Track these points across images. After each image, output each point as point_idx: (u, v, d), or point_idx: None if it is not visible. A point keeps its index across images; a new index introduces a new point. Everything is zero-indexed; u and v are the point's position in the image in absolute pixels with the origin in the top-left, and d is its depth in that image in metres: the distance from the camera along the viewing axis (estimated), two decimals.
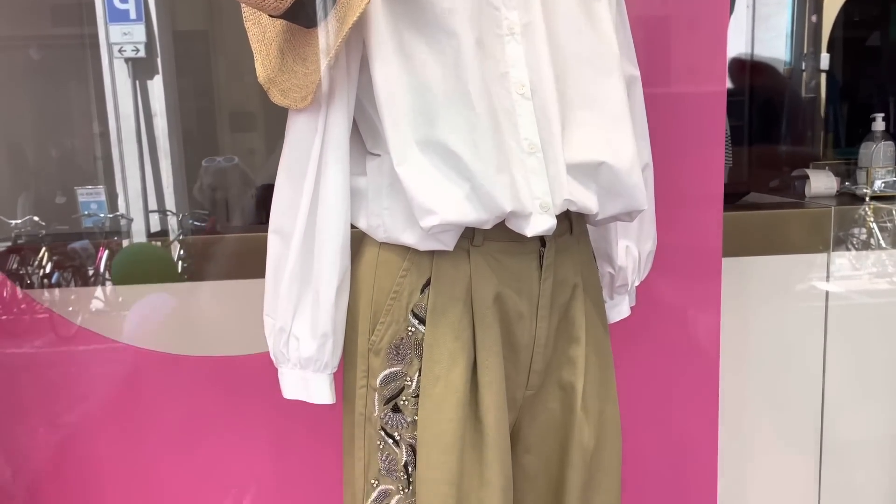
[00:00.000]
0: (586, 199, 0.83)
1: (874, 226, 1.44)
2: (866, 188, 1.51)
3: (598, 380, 0.91)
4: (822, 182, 1.53)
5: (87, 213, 1.54)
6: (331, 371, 0.87)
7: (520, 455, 0.91)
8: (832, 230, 1.40)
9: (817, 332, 1.42)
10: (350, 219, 0.85)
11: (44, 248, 1.32)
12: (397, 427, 0.85)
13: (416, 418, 0.83)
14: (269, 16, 0.80)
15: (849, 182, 1.59)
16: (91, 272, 1.31)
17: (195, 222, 1.67)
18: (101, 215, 1.55)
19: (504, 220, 0.81)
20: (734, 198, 1.53)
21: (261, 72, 0.83)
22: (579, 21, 0.83)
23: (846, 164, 1.65)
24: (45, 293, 1.28)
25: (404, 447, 0.84)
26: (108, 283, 1.30)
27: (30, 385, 1.26)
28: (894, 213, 1.44)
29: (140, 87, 1.83)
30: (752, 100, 2.06)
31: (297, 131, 0.83)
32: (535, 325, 0.86)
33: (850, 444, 1.46)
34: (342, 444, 0.91)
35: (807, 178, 1.54)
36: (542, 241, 0.85)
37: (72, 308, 1.27)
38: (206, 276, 1.30)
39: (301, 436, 1.25)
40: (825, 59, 2.11)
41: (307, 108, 0.81)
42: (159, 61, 1.83)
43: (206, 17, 1.99)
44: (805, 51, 2.13)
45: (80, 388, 1.26)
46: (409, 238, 0.82)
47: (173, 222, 1.76)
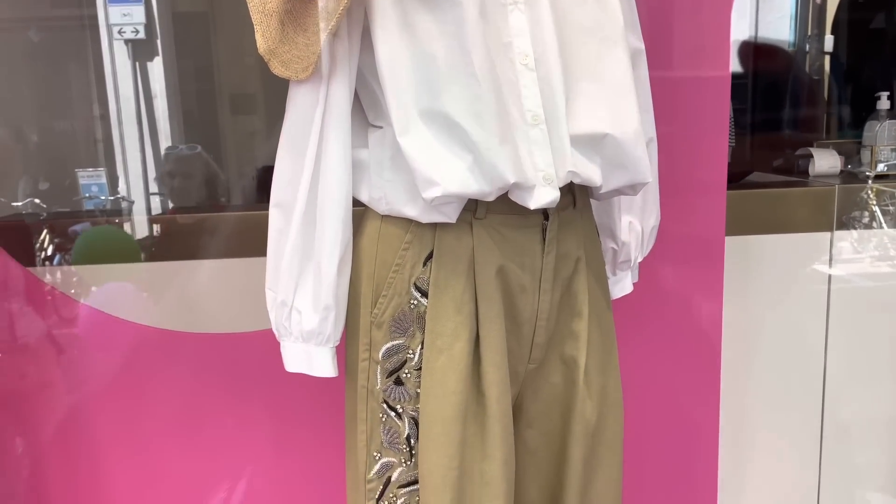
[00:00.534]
0: (590, 172, 0.82)
1: (876, 209, 1.43)
2: (869, 171, 1.50)
3: (600, 354, 0.91)
4: (826, 161, 1.52)
5: (87, 195, 1.54)
6: (333, 344, 0.87)
7: (522, 429, 0.91)
8: (836, 209, 1.39)
9: (819, 313, 1.42)
10: (352, 192, 0.85)
11: (45, 230, 1.31)
12: (400, 400, 0.85)
13: (419, 391, 0.83)
14: None
15: (851, 165, 1.58)
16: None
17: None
18: (103, 197, 1.55)
19: (507, 193, 0.80)
20: (738, 177, 1.52)
21: (261, 43, 0.82)
22: None
23: (851, 144, 1.64)
24: (47, 273, 1.28)
25: (407, 420, 0.84)
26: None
27: (32, 361, 1.26)
28: None
29: (140, 69, 1.83)
30: (759, 80, 2.04)
31: (298, 103, 0.83)
32: (537, 299, 0.86)
33: (851, 425, 1.46)
34: (344, 417, 0.91)
35: (811, 157, 1.53)
36: (545, 214, 0.85)
37: (73, 288, 1.27)
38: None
39: (302, 412, 1.26)
40: (829, 41, 2.09)
41: (308, 80, 0.80)
42: (159, 43, 1.82)
43: None
44: (809, 32, 2.11)
45: (81, 364, 1.27)
46: (411, 210, 0.82)
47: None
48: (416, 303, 0.83)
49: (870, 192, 1.43)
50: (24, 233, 1.30)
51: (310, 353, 0.87)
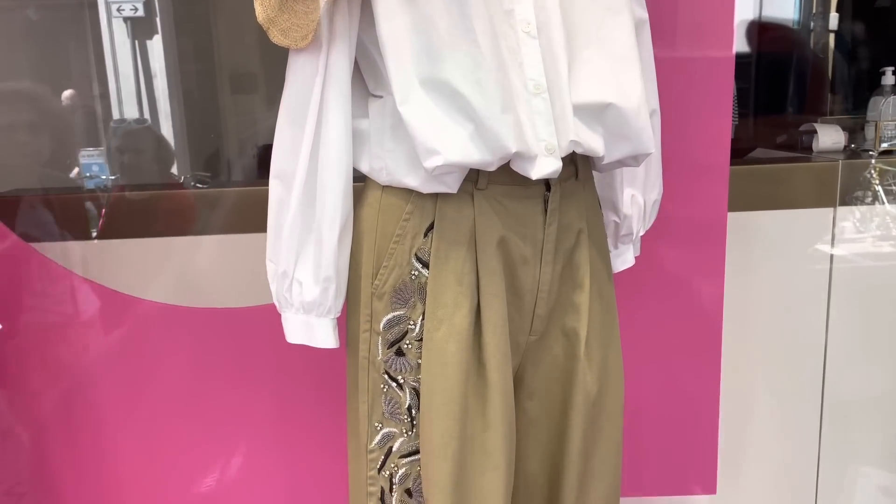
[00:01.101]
0: (593, 142, 0.82)
1: (879, 188, 1.42)
2: (873, 149, 1.49)
3: (601, 326, 0.91)
4: (829, 136, 1.51)
5: (88, 174, 1.54)
6: (334, 315, 0.87)
7: (523, 400, 0.91)
8: (839, 184, 1.38)
9: (821, 291, 1.41)
10: (352, 162, 0.84)
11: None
12: (401, 370, 0.85)
13: (420, 362, 0.83)
14: None
15: (855, 144, 1.57)
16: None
17: (197, 184, 1.66)
18: (103, 177, 1.54)
19: (509, 163, 0.80)
20: (741, 153, 1.51)
21: (260, 12, 0.81)
22: None
23: (854, 119, 1.63)
24: (47, 245, 1.28)
25: (408, 390, 0.84)
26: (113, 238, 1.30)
27: (33, 335, 1.27)
28: None
29: (139, 47, 1.81)
30: (764, 59, 2.03)
31: (298, 73, 0.82)
32: (538, 270, 0.86)
33: (851, 403, 1.46)
34: (346, 388, 0.91)
35: (814, 132, 1.52)
36: (547, 185, 0.84)
37: (74, 260, 1.28)
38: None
39: (304, 385, 1.26)
40: (834, 19, 2.08)
41: (308, 49, 0.79)
42: (158, 21, 1.81)
43: None
44: (814, 10, 2.09)
45: (83, 339, 1.27)
46: (412, 181, 0.81)
47: None
48: (416, 273, 0.83)
49: (873, 171, 1.42)
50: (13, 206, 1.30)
51: (311, 325, 0.87)
